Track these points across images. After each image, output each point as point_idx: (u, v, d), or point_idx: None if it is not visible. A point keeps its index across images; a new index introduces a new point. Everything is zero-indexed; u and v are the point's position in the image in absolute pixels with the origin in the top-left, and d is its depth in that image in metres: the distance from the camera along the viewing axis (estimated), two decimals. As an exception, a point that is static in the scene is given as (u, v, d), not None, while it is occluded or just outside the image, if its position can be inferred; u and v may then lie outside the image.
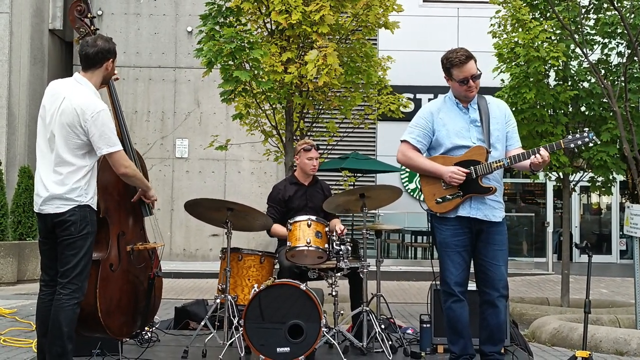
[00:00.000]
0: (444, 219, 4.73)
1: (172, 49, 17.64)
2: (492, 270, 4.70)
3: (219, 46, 7.77)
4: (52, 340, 4.22)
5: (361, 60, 9.21)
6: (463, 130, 4.71)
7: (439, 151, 4.76)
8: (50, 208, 4.27)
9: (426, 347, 5.59)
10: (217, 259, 5.86)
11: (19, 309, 8.74)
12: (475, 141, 4.67)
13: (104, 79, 4.52)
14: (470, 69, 4.65)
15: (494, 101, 4.90)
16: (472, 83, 4.66)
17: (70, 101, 4.32)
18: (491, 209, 4.68)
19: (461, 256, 4.69)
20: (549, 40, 9.04)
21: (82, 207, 4.26)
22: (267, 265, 5.72)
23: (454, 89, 4.76)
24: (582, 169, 9.70)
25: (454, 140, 4.70)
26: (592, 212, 20.71)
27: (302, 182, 6.32)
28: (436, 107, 4.85)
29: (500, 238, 4.73)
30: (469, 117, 4.73)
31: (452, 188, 4.66)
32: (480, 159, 4.61)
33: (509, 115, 4.85)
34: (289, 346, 5.10)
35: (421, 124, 4.81)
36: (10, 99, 15.44)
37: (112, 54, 4.51)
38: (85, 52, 4.45)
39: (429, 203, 4.78)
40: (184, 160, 17.54)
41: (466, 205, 4.67)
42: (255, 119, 9.71)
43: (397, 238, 17.54)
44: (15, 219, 13.07)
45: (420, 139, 4.79)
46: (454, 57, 4.68)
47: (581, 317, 7.43)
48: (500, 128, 4.74)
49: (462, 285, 4.70)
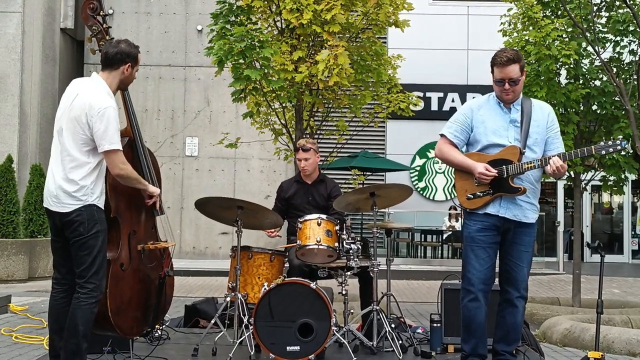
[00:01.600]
0: (473, 214, 4.75)
1: (182, 48, 17.68)
2: (515, 270, 4.72)
3: (230, 45, 7.77)
4: (67, 338, 4.23)
5: (371, 59, 9.20)
6: (501, 129, 4.71)
7: (476, 148, 4.77)
8: (57, 205, 4.27)
9: (436, 346, 5.57)
10: (226, 257, 5.86)
11: (30, 306, 8.77)
12: (512, 141, 4.66)
13: (120, 82, 4.52)
14: (509, 72, 4.63)
15: (539, 104, 4.88)
16: (508, 86, 4.64)
17: (81, 97, 4.35)
18: (522, 209, 4.67)
19: (486, 252, 4.68)
20: (561, 38, 8.99)
21: (88, 206, 4.26)
22: (277, 263, 5.72)
23: (494, 88, 4.76)
24: (594, 167, 9.65)
25: (490, 138, 4.70)
26: (604, 212, 20.63)
27: (305, 181, 6.37)
28: (478, 104, 4.85)
29: (528, 239, 4.74)
30: (509, 116, 4.72)
31: (483, 185, 4.66)
32: (513, 158, 4.60)
33: (552, 120, 4.80)
34: (299, 345, 5.10)
35: (460, 120, 4.82)
36: (22, 97, 15.51)
37: (132, 58, 4.51)
38: (105, 50, 4.49)
39: (460, 198, 4.80)
40: (193, 159, 17.57)
41: (496, 204, 4.67)
42: (265, 118, 9.72)
43: (407, 237, 17.52)
44: (26, 216, 13.14)
45: (457, 134, 4.80)
46: (498, 56, 4.69)
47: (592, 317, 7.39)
48: (540, 131, 4.71)
49: (483, 282, 4.68)
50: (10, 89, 15.41)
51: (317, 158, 6.36)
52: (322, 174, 6.45)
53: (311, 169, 6.28)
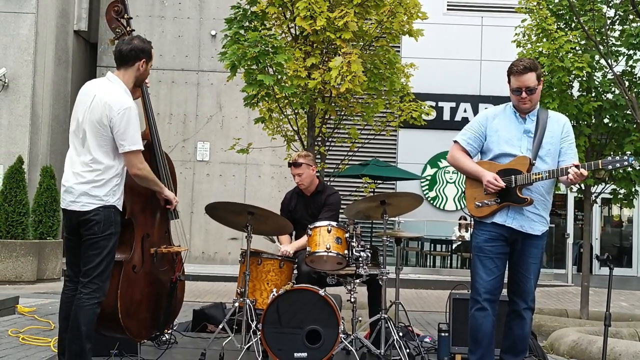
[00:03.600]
0: (481, 224, 4.75)
1: (196, 52, 17.74)
2: (523, 282, 4.72)
3: (243, 50, 7.80)
4: (71, 339, 4.25)
5: (384, 67, 9.21)
6: (514, 139, 4.70)
7: (488, 156, 4.77)
8: (76, 206, 4.29)
9: (444, 355, 5.57)
10: (235, 263, 5.87)
11: (38, 308, 8.79)
12: (524, 151, 4.66)
13: (136, 79, 4.54)
14: (526, 80, 4.63)
15: (555, 115, 4.88)
16: (525, 95, 4.64)
17: (100, 98, 4.37)
18: (529, 221, 4.66)
19: (494, 263, 4.67)
20: (574, 50, 8.99)
21: (108, 207, 4.29)
22: (287, 270, 5.72)
23: (511, 97, 4.76)
24: (604, 180, 9.62)
25: (502, 148, 4.70)
26: (613, 225, 20.56)
27: (304, 193, 6.38)
28: (493, 113, 4.86)
29: (535, 252, 4.73)
30: (524, 127, 4.72)
31: (490, 194, 4.66)
32: (522, 169, 4.60)
33: (567, 131, 4.79)
34: (306, 351, 5.11)
35: (474, 128, 4.83)
36: (34, 99, 15.58)
37: (146, 54, 4.53)
38: (119, 48, 4.50)
39: (469, 206, 4.81)
40: (204, 164, 17.61)
41: (503, 214, 4.67)
42: (277, 124, 9.74)
43: (416, 246, 17.50)
44: (36, 218, 13.15)
45: (470, 142, 4.81)
46: (514, 65, 4.70)
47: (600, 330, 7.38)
48: (553, 142, 4.70)
49: (490, 292, 4.67)
50: (22, 90, 15.47)
51: (311, 170, 6.30)
52: (322, 184, 6.44)
53: (306, 183, 6.27)
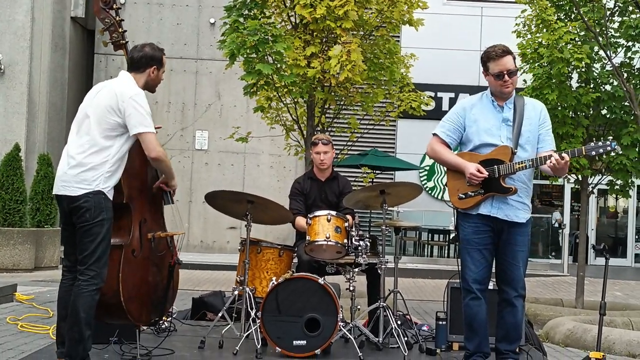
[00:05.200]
0: (467, 216, 4.75)
1: (194, 40, 17.68)
2: (511, 270, 4.71)
3: (243, 38, 7.79)
4: (70, 327, 4.27)
5: (384, 57, 9.21)
6: (493, 128, 4.71)
7: (468, 147, 4.77)
8: (67, 190, 4.31)
9: (441, 344, 5.60)
10: (233, 252, 5.90)
11: (36, 296, 8.80)
12: (504, 140, 4.66)
13: (146, 84, 4.58)
14: (506, 63, 4.65)
15: (531, 102, 4.89)
16: (508, 78, 4.65)
17: (110, 86, 4.46)
18: (513, 209, 4.67)
19: (482, 254, 4.70)
20: (573, 41, 9.00)
21: (96, 193, 4.29)
22: (286, 258, 5.75)
23: (490, 84, 4.76)
24: (600, 171, 9.65)
25: (482, 138, 4.70)
26: (609, 215, 20.64)
27: (318, 178, 6.34)
28: (470, 103, 4.86)
29: (521, 239, 4.73)
30: (502, 115, 4.73)
31: (474, 185, 4.67)
32: (505, 158, 4.60)
33: (544, 117, 4.81)
34: (305, 339, 5.14)
35: (452, 119, 4.83)
36: (30, 85, 15.49)
37: (157, 61, 4.59)
38: (131, 55, 4.59)
39: (452, 198, 4.80)
40: (203, 152, 17.60)
41: (487, 204, 4.67)
42: (276, 113, 9.73)
43: (414, 236, 17.53)
44: (33, 206, 13.13)
45: (450, 134, 4.81)
46: (491, 50, 4.71)
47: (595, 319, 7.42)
48: (532, 129, 4.72)
49: (480, 282, 4.71)
50: (18, 76, 15.37)
51: (333, 153, 6.36)
52: (335, 172, 6.45)
53: (328, 163, 6.26)
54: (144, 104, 4.38)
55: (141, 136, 4.35)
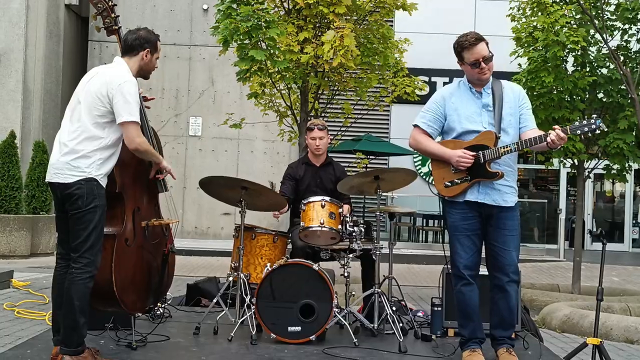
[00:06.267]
0: (454, 203, 4.72)
1: (188, 27, 17.62)
2: (502, 255, 4.68)
3: (236, 24, 7.74)
4: (64, 314, 4.26)
5: (378, 42, 9.17)
6: (474, 114, 4.68)
7: (451, 135, 4.74)
8: (59, 177, 4.28)
9: (437, 330, 5.59)
10: (228, 238, 5.88)
11: (32, 282, 8.82)
12: (487, 126, 4.64)
13: (140, 68, 4.55)
14: (481, 50, 4.62)
15: (509, 85, 4.85)
16: (484, 65, 4.62)
17: (102, 73, 4.44)
18: (500, 193, 4.65)
19: (471, 240, 4.68)
20: (569, 25, 8.96)
21: (89, 180, 4.26)
22: (280, 244, 5.73)
23: (467, 73, 4.73)
24: (597, 156, 9.64)
25: (464, 125, 4.67)
26: (605, 200, 20.65)
27: (313, 163, 6.34)
28: (449, 91, 4.83)
29: (511, 223, 4.69)
30: (482, 101, 4.70)
31: (460, 172, 4.65)
32: (489, 143, 4.58)
33: (522, 97, 4.79)
34: (300, 325, 5.13)
35: (432, 109, 4.79)
36: (25, 73, 15.46)
37: (151, 45, 4.55)
38: (125, 37, 4.56)
39: (438, 187, 4.77)
40: (197, 139, 17.56)
41: (474, 190, 4.65)
42: (269, 99, 9.70)
43: (409, 221, 17.53)
44: (29, 192, 13.18)
45: (431, 124, 4.78)
46: (464, 40, 4.66)
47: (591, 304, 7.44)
48: (513, 112, 4.70)
49: (471, 269, 4.69)
50: (13, 64, 15.35)
51: (328, 139, 6.35)
52: (330, 157, 6.44)
53: (323, 149, 6.27)
54: (133, 92, 4.33)
55: (123, 125, 4.32)
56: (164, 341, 5.10)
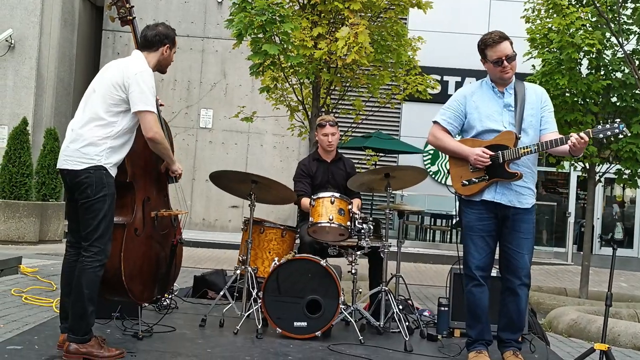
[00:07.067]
0: (470, 202, 4.70)
1: (202, 19, 17.62)
2: (515, 258, 4.65)
3: (250, 18, 7.72)
4: (73, 302, 4.26)
5: (392, 39, 9.13)
6: (495, 114, 4.66)
7: (471, 134, 4.72)
8: (68, 164, 4.28)
9: (443, 330, 5.58)
10: (235, 230, 5.89)
11: (40, 269, 8.85)
12: (507, 125, 4.61)
13: (158, 63, 4.56)
14: (504, 49, 4.60)
15: (531, 86, 4.83)
16: (507, 64, 4.60)
17: (118, 64, 4.45)
18: (518, 195, 4.62)
19: (485, 241, 4.66)
20: (584, 27, 8.91)
21: (98, 168, 4.26)
22: (289, 239, 5.73)
23: (490, 71, 4.71)
24: (608, 160, 9.59)
25: (485, 124, 4.65)
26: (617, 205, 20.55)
27: (324, 159, 6.31)
28: (471, 90, 4.81)
29: (526, 226, 4.66)
30: (503, 101, 4.68)
31: (478, 171, 4.62)
32: (509, 144, 4.55)
33: (545, 100, 4.76)
34: (306, 321, 5.13)
35: (453, 106, 4.77)
36: (39, 60, 15.52)
37: (170, 40, 4.57)
38: (144, 33, 4.56)
39: (455, 185, 4.74)
40: (207, 131, 17.58)
41: (491, 190, 4.63)
42: (281, 93, 9.68)
43: (417, 220, 17.50)
44: (39, 179, 13.24)
45: (451, 121, 4.75)
46: (488, 37, 4.65)
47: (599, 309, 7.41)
48: (534, 114, 4.67)
49: (483, 270, 4.67)
50: (28, 51, 15.42)
51: (339, 135, 6.34)
52: (340, 153, 6.43)
53: (335, 145, 6.27)
54: (149, 82, 4.34)
55: (140, 114, 4.32)
56: (170, 332, 5.11)
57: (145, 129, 4.34)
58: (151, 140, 4.40)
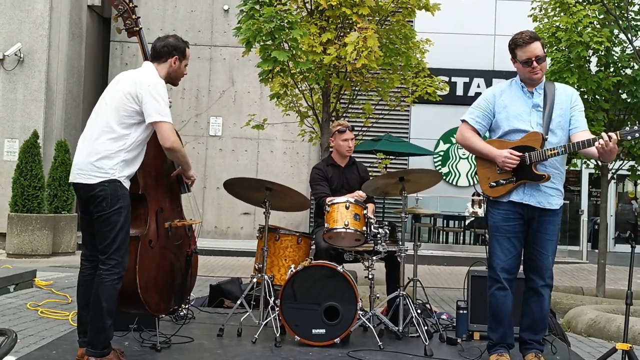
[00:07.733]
0: (497, 203, 4.67)
1: (209, 27, 17.65)
2: (540, 259, 4.65)
3: (259, 25, 7.73)
4: (92, 315, 4.26)
5: (400, 42, 9.13)
6: (523, 114, 4.63)
7: (498, 134, 4.69)
8: (82, 178, 4.28)
9: (462, 333, 5.54)
10: (247, 238, 5.87)
11: (55, 281, 8.86)
12: (535, 126, 4.58)
13: (168, 74, 4.56)
14: (534, 49, 4.57)
15: (562, 87, 4.80)
16: (536, 64, 4.57)
17: (131, 75, 4.46)
18: (546, 195, 4.60)
19: (511, 242, 4.63)
20: (592, 25, 8.88)
21: (112, 181, 4.26)
22: (304, 246, 5.71)
23: (519, 71, 4.69)
24: (619, 157, 9.54)
25: (512, 124, 4.62)
26: (627, 201, 20.46)
27: (338, 164, 6.31)
28: (500, 89, 4.78)
29: (552, 228, 4.65)
30: (532, 101, 4.65)
31: (505, 173, 4.60)
32: (536, 145, 4.52)
33: (575, 99, 4.71)
34: (324, 328, 5.11)
35: (482, 105, 4.76)
36: (48, 73, 15.57)
37: (179, 52, 4.59)
38: (154, 44, 4.58)
39: (483, 186, 4.72)
40: (217, 139, 17.59)
41: (519, 191, 4.60)
42: (291, 100, 9.68)
43: (429, 222, 17.44)
44: (51, 192, 13.29)
45: (479, 120, 4.74)
46: (518, 37, 4.62)
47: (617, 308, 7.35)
48: (563, 114, 4.63)
49: (508, 272, 4.64)
50: (37, 64, 15.47)
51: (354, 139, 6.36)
52: (352, 157, 6.43)
53: (353, 150, 6.29)
54: (163, 93, 4.34)
55: (157, 125, 4.31)
56: (188, 343, 5.10)
57: (163, 139, 4.33)
58: (170, 150, 4.40)
